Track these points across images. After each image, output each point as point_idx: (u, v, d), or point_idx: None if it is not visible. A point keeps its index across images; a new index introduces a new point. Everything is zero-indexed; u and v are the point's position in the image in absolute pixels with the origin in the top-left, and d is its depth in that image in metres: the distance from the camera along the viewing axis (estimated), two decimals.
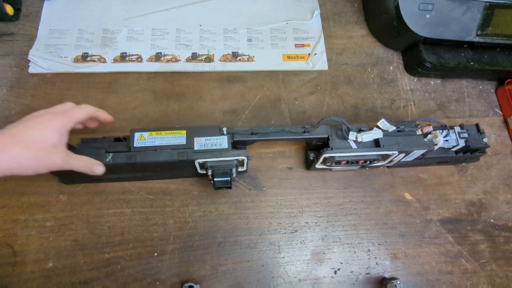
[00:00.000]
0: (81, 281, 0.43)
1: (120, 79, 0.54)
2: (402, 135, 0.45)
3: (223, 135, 0.43)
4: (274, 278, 0.46)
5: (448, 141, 0.47)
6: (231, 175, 0.42)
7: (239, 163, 0.44)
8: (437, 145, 0.45)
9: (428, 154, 0.46)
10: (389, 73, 0.60)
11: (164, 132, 0.43)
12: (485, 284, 0.48)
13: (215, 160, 0.42)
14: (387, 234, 0.49)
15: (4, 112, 0.50)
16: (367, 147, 0.44)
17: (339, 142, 0.44)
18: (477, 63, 0.57)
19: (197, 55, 0.57)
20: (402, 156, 0.46)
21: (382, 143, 0.44)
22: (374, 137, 0.44)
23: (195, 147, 0.42)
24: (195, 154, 0.41)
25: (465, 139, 0.47)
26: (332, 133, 0.45)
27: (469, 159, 0.51)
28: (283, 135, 0.44)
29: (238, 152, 0.42)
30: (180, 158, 0.41)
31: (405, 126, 0.45)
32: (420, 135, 0.46)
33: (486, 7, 0.54)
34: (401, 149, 0.44)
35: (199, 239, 0.46)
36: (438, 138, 0.45)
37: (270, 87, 0.56)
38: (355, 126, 0.45)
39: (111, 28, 0.57)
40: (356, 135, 0.44)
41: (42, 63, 0.53)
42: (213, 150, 0.42)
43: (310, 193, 0.50)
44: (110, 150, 0.42)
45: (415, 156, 0.47)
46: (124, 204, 0.47)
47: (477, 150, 0.48)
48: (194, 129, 0.43)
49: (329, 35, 0.62)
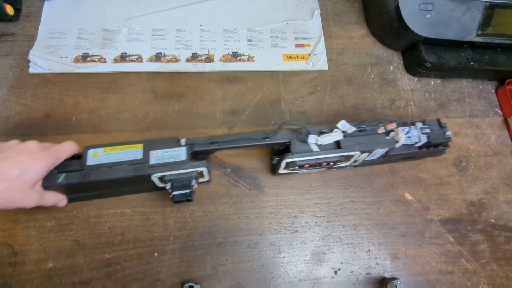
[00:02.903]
0: (81, 281, 0.43)
1: (120, 79, 0.54)
2: (364, 135, 0.45)
3: (181, 146, 0.41)
4: (274, 278, 0.46)
5: (411, 137, 0.46)
6: (191, 187, 0.41)
7: (199, 175, 0.43)
8: (399, 143, 0.45)
9: (391, 151, 0.46)
10: (389, 73, 0.60)
11: (119, 147, 0.41)
12: (485, 284, 0.48)
13: (173, 173, 0.40)
14: (387, 234, 0.49)
15: (4, 112, 0.50)
16: (329, 149, 0.44)
17: (300, 146, 0.44)
18: (477, 63, 0.57)
19: (197, 55, 0.57)
20: (366, 156, 0.46)
21: (343, 144, 0.44)
22: (334, 139, 0.43)
23: (152, 161, 0.40)
24: (152, 168, 0.40)
25: (427, 135, 0.46)
26: (293, 137, 0.44)
27: (434, 153, 0.51)
28: (243, 143, 0.43)
29: (196, 163, 0.41)
30: (136, 174, 0.39)
31: (366, 126, 0.45)
32: (381, 133, 0.45)
33: (486, 7, 0.53)
34: (362, 149, 0.44)
35: (199, 239, 0.46)
36: (399, 135, 0.44)
37: (270, 87, 0.56)
38: (316, 128, 0.45)
39: (111, 28, 0.57)
40: (317, 138, 0.43)
41: (42, 63, 0.53)
42: (170, 163, 0.40)
43: (310, 193, 0.50)
44: (63, 170, 0.39)
45: (379, 155, 0.47)
46: (124, 204, 0.47)
47: (440, 145, 0.48)
48: (151, 142, 0.41)
49: (329, 35, 0.62)
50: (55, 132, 0.50)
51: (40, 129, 0.50)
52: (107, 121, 0.51)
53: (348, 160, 0.46)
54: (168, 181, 0.41)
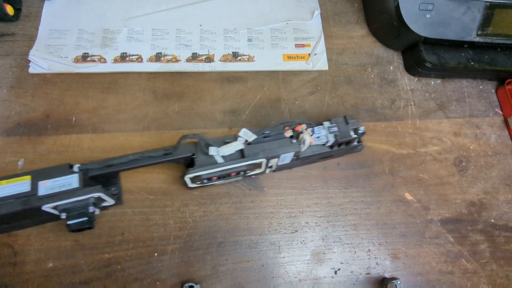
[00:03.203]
0: (81, 281, 0.43)
1: (120, 79, 0.54)
2: (270, 140, 0.44)
3: (74, 173, 0.39)
4: (274, 278, 0.46)
5: (319, 137, 0.46)
6: (90, 214, 0.40)
7: (99, 200, 0.41)
8: (305, 145, 0.44)
9: (303, 153, 0.45)
10: (389, 73, 0.60)
11: (4, 181, 0.39)
12: (485, 284, 0.48)
13: (65, 202, 0.38)
14: (388, 234, 0.49)
15: (4, 112, 0.50)
16: (235, 159, 0.42)
17: (206, 158, 0.42)
18: (478, 63, 0.57)
19: (197, 55, 0.57)
20: (277, 161, 0.45)
21: (246, 152, 0.42)
22: (235, 149, 0.42)
23: (41, 192, 0.38)
24: (41, 200, 0.38)
25: (334, 134, 0.46)
26: (198, 150, 0.42)
27: (351, 150, 0.50)
28: (141, 162, 0.41)
29: (90, 189, 0.39)
30: (24, 207, 0.37)
31: (270, 131, 0.44)
32: (288, 137, 0.44)
33: (487, 7, 0.53)
34: (266, 155, 0.42)
35: (199, 239, 0.46)
36: (304, 137, 0.43)
37: (270, 87, 0.56)
38: (220, 138, 0.43)
39: (111, 28, 0.57)
40: (217, 150, 0.41)
41: (43, 63, 0.53)
42: (61, 192, 0.38)
43: (310, 193, 0.50)
44: None
45: (290, 158, 0.46)
46: (124, 204, 0.47)
47: (350, 142, 0.47)
48: (40, 172, 0.39)
49: (329, 35, 0.62)
50: (55, 132, 0.50)
51: (40, 129, 0.50)
52: (107, 121, 0.51)
53: (260, 167, 0.45)
54: (62, 211, 0.39)
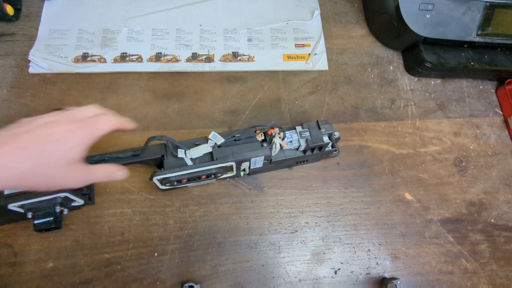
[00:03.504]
0: (81, 281, 0.43)
1: (120, 79, 0.54)
2: (240, 144, 0.43)
3: None
4: (274, 278, 0.46)
5: (292, 142, 0.45)
6: (58, 213, 0.39)
7: (67, 200, 0.40)
8: (275, 149, 0.43)
9: (273, 158, 0.44)
10: (389, 73, 0.60)
11: None
12: (485, 284, 0.48)
13: (31, 202, 0.38)
14: (388, 234, 0.49)
15: (4, 112, 0.50)
16: (205, 161, 0.41)
17: (175, 160, 0.41)
18: (477, 63, 0.57)
19: (197, 55, 0.57)
20: (248, 164, 0.44)
21: (215, 155, 0.42)
22: (203, 151, 0.42)
23: (7, 191, 0.37)
24: (5, 199, 0.37)
25: (305, 139, 0.45)
26: (168, 152, 0.41)
27: (325, 155, 0.50)
28: (110, 163, 0.39)
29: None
30: None
31: (241, 134, 0.43)
32: (258, 141, 0.44)
33: (486, 7, 0.54)
34: (235, 159, 0.42)
35: (199, 239, 0.46)
36: (275, 142, 0.43)
37: (270, 87, 0.56)
38: (190, 141, 0.42)
39: (111, 28, 0.57)
40: (186, 152, 0.41)
41: (42, 63, 0.53)
42: (27, 191, 0.37)
43: (310, 193, 0.50)
44: None
45: (262, 162, 0.45)
46: (125, 204, 0.47)
47: (322, 147, 0.46)
48: None
49: (329, 35, 0.62)
50: None
51: None
52: None
53: (232, 171, 0.45)
54: (28, 210, 0.38)
